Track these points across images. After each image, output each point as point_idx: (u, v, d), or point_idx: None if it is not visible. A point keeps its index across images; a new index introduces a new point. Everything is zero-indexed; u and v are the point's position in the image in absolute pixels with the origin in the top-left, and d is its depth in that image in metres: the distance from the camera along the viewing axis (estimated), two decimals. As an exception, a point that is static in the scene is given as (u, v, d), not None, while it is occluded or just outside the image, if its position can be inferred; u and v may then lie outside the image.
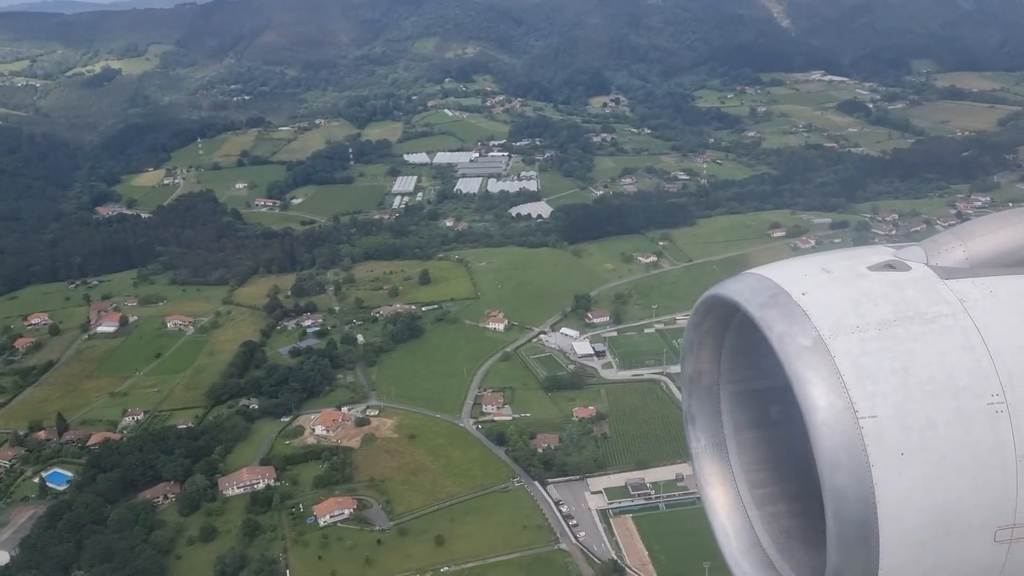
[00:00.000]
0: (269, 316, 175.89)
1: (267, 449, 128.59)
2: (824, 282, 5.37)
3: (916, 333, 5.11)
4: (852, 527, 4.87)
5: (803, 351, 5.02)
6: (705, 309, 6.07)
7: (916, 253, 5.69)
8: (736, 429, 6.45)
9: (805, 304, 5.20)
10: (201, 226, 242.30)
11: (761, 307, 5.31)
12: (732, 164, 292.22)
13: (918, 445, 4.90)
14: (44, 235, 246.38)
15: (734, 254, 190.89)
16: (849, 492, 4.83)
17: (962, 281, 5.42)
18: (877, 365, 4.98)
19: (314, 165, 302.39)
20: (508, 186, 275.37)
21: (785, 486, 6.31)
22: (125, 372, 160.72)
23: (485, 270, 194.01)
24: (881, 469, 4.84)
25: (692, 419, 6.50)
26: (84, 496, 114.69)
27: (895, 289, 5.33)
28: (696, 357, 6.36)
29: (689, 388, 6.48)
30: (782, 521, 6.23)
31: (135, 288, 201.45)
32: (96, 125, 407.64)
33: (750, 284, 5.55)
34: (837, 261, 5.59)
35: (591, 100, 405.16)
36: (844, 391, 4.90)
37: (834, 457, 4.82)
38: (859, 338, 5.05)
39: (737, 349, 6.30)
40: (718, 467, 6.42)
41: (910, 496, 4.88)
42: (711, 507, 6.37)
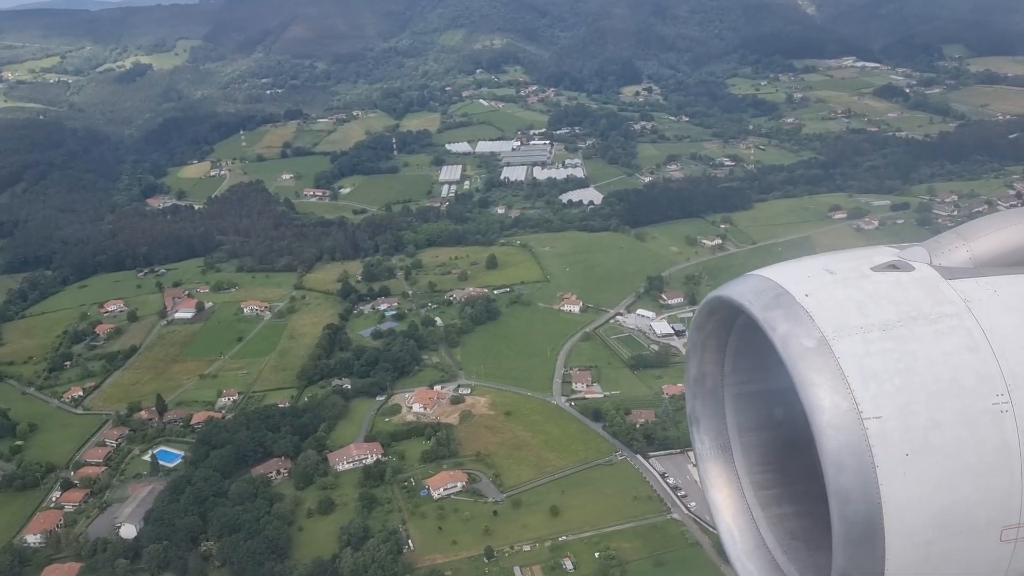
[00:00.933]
0: (344, 300, 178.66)
1: (368, 426, 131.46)
2: (827, 283, 5.37)
3: (920, 334, 5.10)
4: (858, 528, 4.86)
5: (807, 352, 5.03)
6: (708, 311, 6.07)
7: (919, 253, 5.69)
8: (740, 431, 6.43)
9: (808, 305, 5.21)
10: (257, 216, 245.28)
11: (764, 308, 5.31)
12: (775, 150, 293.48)
13: (923, 446, 4.88)
14: (102, 226, 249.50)
15: (797, 236, 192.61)
16: (854, 493, 4.82)
17: (966, 281, 5.41)
18: (881, 366, 4.98)
19: (358, 155, 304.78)
20: (555, 173, 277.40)
21: (790, 488, 6.29)
22: (209, 355, 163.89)
23: (550, 254, 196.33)
24: (886, 470, 4.82)
25: (696, 421, 6.50)
26: (201, 471, 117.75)
27: (899, 290, 5.32)
28: (700, 359, 6.36)
29: (693, 390, 6.49)
30: (787, 522, 6.20)
31: (203, 276, 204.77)
32: (132, 119, 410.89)
33: (753, 285, 5.57)
34: (840, 262, 5.60)
35: (623, 89, 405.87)
36: (848, 392, 4.90)
37: (839, 458, 4.82)
38: (863, 339, 5.05)
39: (741, 351, 6.27)
40: (723, 469, 6.41)
41: (915, 496, 4.88)
42: (716, 509, 6.34)
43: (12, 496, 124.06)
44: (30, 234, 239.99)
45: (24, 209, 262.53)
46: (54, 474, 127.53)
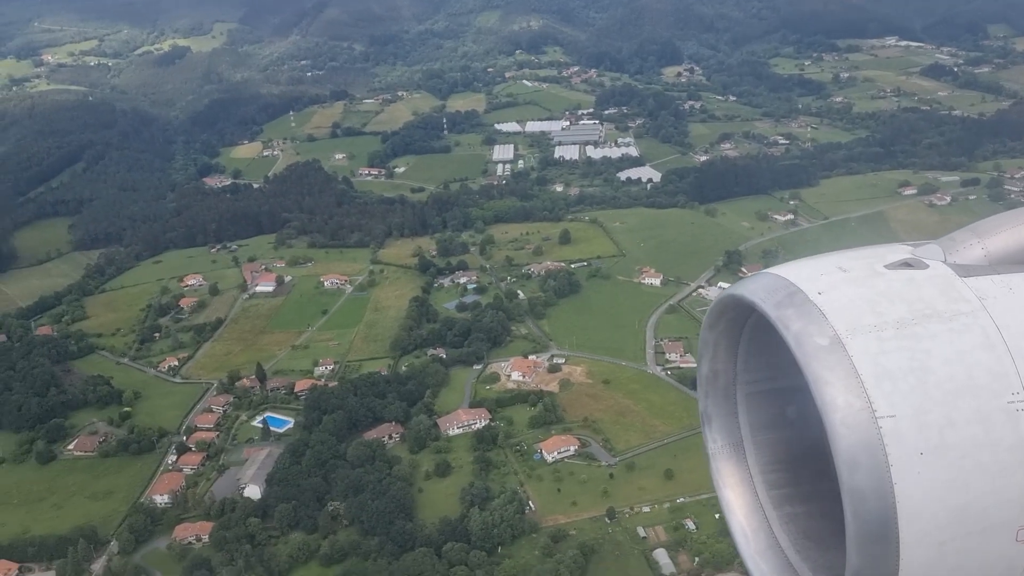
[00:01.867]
0: (423, 275, 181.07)
1: (471, 393, 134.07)
2: (840, 281, 5.34)
3: (934, 332, 5.07)
4: (871, 527, 4.83)
5: (820, 351, 5.01)
6: (720, 309, 6.06)
7: (934, 251, 5.65)
8: (753, 430, 6.42)
9: (822, 303, 5.18)
10: (319, 194, 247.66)
11: (777, 306, 5.28)
12: (827, 129, 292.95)
13: (937, 444, 4.85)
14: (165, 204, 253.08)
15: (869, 211, 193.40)
16: (868, 492, 4.80)
17: (981, 279, 5.36)
18: (895, 364, 4.95)
19: (409, 135, 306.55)
20: (609, 152, 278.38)
21: (803, 487, 6.26)
22: (296, 327, 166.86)
23: (620, 230, 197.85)
24: (900, 469, 4.80)
25: (708, 420, 6.49)
26: (317, 435, 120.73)
27: (913, 287, 5.28)
28: (712, 357, 6.37)
29: (705, 389, 6.48)
30: (800, 522, 6.17)
31: (276, 251, 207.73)
32: (174, 101, 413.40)
33: (766, 284, 5.52)
34: (853, 260, 5.58)
35: (663, 70, 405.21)
36: (862, 391, 4.88)
37: (853, 457, 4.80)
38: (877, 337, 5.02)
39: (753, 349, 6.26)
40: (735, 468, 6.39)
41: (930, 496, 4.84)
42: (729, 508, 6.33)
43: (129, 460, 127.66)
44: (97, 212, 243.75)
45: (87, 188, 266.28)
46: (167, 439, 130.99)
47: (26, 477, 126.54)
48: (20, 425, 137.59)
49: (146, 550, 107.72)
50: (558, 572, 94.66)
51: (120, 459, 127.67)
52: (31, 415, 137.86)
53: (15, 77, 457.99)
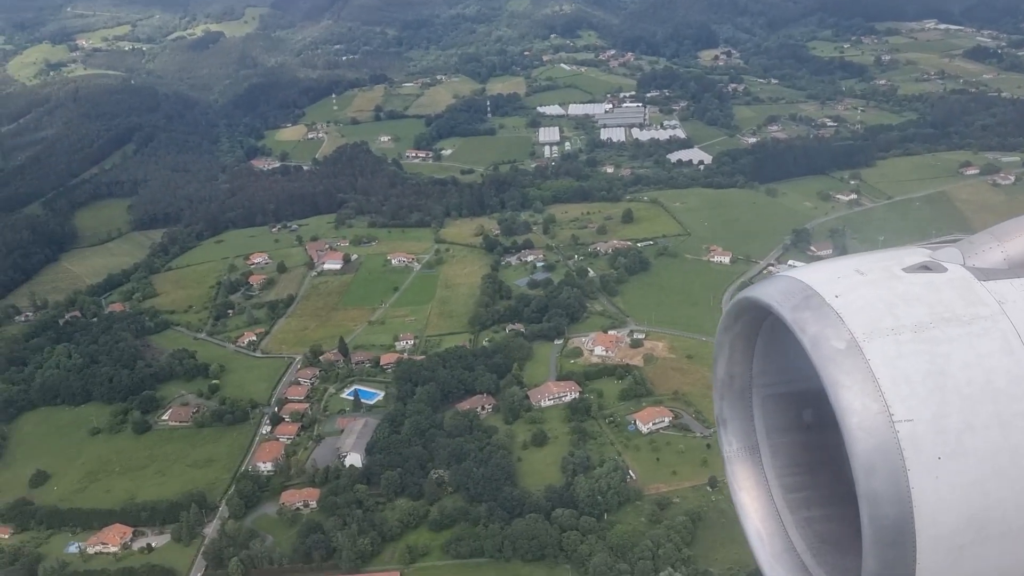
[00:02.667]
0: (489, 253, 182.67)
1: (555, 367, 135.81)
2: (858, 284, 5.30)
3: (953, 335, 5.02)
4: (888, 532, 4.81)
5: (837, 354, 4.98)
6: (737, 312, 6.02)
7: (952, 254, 5.60)
8: (769, 433, 6.38)
9: (839, 306, 5.14)
10: (371, 175, 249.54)
11: (794, 309, 5.24)
12: (873, 111, 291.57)
13: (956, 449, 4.81)
14: (218, 185, 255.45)
15: (932, 191, 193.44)
16: (885, 496, 4.77)
17: (1000, 282, 5.32)
18: (913, 368, 4.91)
19: (453, 118, 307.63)
20: (656, 135, 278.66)
21: (819, 490, 6.23)
22: (369, 304, 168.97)
23: (682, 210, 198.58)
24: (918, 473, 4.76)
25: (724, 422, 6.48)
26: (412, 405, 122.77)
27: (931, 291, 5.23)
28: (728, 360, 6.34)
29: (721, 391, 6.45)
30: (816, 526, 6.14)
31: (336, 231, 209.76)
32: (210, 86, 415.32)
33: (782, 286, 5.48)
34: (871, 262, 5.51)
35: (700, 53, 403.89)
36: (879, 394, 4.84)
37: (869, 461, 4.77)
38: (894, 341, 4.98)
39: (769, 352, 6.23)
40: (751, 471, 6.36)
41: (948, 500, 4.79)
42: (744, 511, 6.30)
43: (224, 430, 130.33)
44: (154, 193, 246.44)
45: (140, 170, 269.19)
46: (258, 410, 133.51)
47: (124, 446, 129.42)
48: (112, 397, 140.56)
49: (255, 515, 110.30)
50: (668, 537, 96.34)
51: (215, 429, 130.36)
52: (122, 387, 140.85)
53: (51, 62, 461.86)
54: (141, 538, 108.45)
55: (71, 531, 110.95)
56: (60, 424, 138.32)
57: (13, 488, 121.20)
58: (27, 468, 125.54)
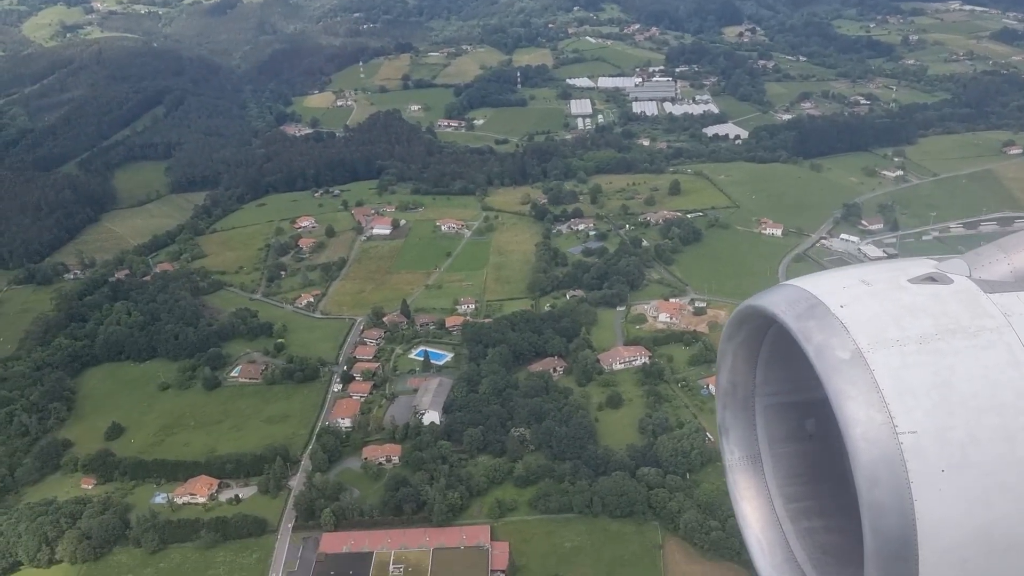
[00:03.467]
0: (539, 221, 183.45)
1: (621, 332, 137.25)
2: (863, 294, 5.30)
3: (958, 348, 4.99)
4: (891, 544, 4.75)
5: (841, 364, 4.95)
6: (740, 320, 6.06)
7: (959, 266, 5.58)
8: (771, 442, 6.35)
9: (844, 316, 5.12)
10: (407, 143, 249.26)
11: (798, 319, 5.24)
12: (905, 90, 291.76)
13: (960, 462, 4.76)
14: (253, 150, 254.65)
15: (978, 169, 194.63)
16: (888, 508, 4.72)
17: (1007, 295, 5.29)
18: (918, 379, 4.88)
19: (484, 88, 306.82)
20: (689, 109, 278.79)
21: (821, 501, 6.18)
22: (422, 268, 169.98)
23: (727, 182, 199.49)
24: (921, 485, 4.71)
25: (726, 431, 6.46)
26: (487, 366, 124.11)
27: (937, 302, 5.20)
28: (731, 369, 6.37)
29: (723, 400, 6.44)
30: (818, 536, 6.10)
31: (380, 197, 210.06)
32: (230, 51, 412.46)
33: (787, 295, 5.51)
34: (877, 273, 5.51)
35: (724, 30, 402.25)
36: (883, 405, 4.82)
37: (873, 472, 4.73)
38: (899, 352, 4.96)
39: (773, 361, 6.22)
40: (752, 480, 6.34)
41: (951, 513, 4.74)
42: (745, 521, 6.28)
43: (294, 387, 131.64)
44: (192, 156, 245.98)
45: (172, 132, 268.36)
46: (327, 368, 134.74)
47: (195, 401, 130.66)
48: (177, 354, 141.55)
49: (338, 469, 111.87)
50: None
51: (285, 386, 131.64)
52: (188, 344, 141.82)
53: (67, 23, 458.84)
54: (226, 490, 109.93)
55: (155, 482, 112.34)
56: (126, 379, 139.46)
57: (89, 441, 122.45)
58: (100, 421, 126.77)
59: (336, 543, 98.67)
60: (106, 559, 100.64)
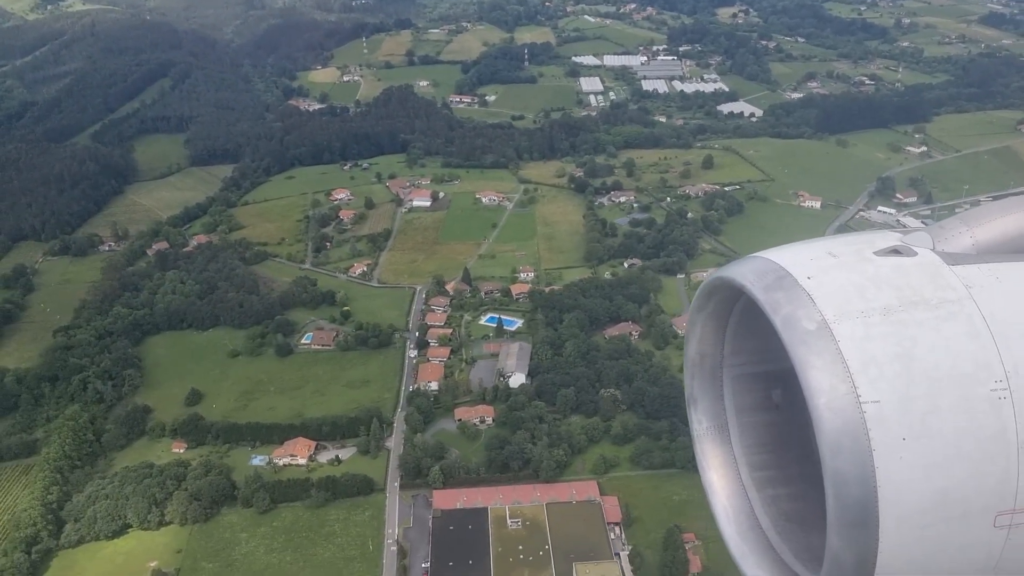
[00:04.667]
0: (579, 194, 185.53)
1: (686, 298, 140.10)
2: (830, 266, 5.40)
3: (921, 319, 5.11)
4: (852, 511, 4.91)
5: (807, 335, 5.06)
6: (709, 291, 6.10)
7: (923, 239, 5.72)
8: (738, 412, 6.44)
9: (810, 288, 5.23)
10: (426, 117, 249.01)
11: (766, 290, 5.34)
12: (906, 71, 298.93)
13: (920, 431, 4.91)
14: (269, 123, 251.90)
15: (997, 146, 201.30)
16: (850, 476, 4.87)
17: (968, 267, 5.42)
18: (881, 350, 4.99)
19: (492, 65, 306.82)
20: (701, 87, 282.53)
21: (786, 469, 6.31)
22: (470, 239, 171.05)
23: (756, 157, 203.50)
24: (883, 454, 4.85)
25: (694, 401, 6.51)
26: (566, 330, 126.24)
27: (900, 274, 5.33)
28: (699, 339, 6.39)
29: (692, 370, 6.51)
30: (782, 504, 6.25)
31: (411, 170, 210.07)
32: (219, 25, 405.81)
33: (755, 267, 5.59)
34: (843, 245, 5.63)
35: (717, 11, 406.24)
36: (847, 376, 4.93)
37: (836, 441, 4.87)
38: (863, 323, 5.07)
39: (740, 332, 6.27)
40: (720, 450, 6.41)
41: (911, 481, 4.90)
42: (712, 489, 6.37)
43: (369, 353, 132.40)
44: (210, 129, 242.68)
45: (183, 105, 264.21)
46: (398, 334, 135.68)
47: (269, 367, 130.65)
48: (242, 322, 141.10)
49: (433, 429, 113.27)
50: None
51: (360, 352, 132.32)
52: (253, 312, 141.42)
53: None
54: (323, 451, 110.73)
55: (249, 445, 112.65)
56: (191, 347, 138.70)
57: (169, 406, 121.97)
58: (174, 388, 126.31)
59: (448, 500, 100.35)
60: (216, 520, 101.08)
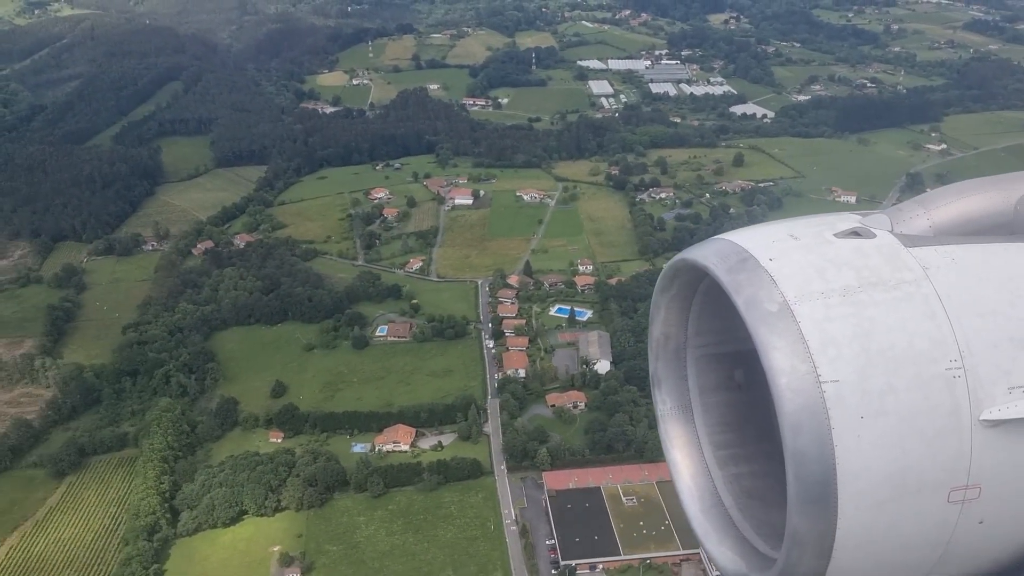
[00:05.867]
0: (619, 191, 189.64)
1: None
2: (791, 248, 5.43)
3: (879, 299, 5.16)
4: (812, 488, 4.97)
5: (769, 316, 5.07)
6: (673, 273, 6.18)
7: (881, 221, 5.76)
8: (701, 392, 6.51)
9: (772, 269, 5.26)
10: (445, 119, 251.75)
11: (729, 272, 5.35)
12: (904, 75, 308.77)
13: (878, 409, 4.96)
14: (288, 126, 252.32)
15: (1011, 144, 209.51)
16: (810, 454, 4.92)
17: (925, 249, 5.47)
18: (840, 331, 5.03)
19: (502, 69, 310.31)
20: (709, 90, 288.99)
21: (747, 448, 6.42)
22: (518, 234, 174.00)
23: (782, 155, 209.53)
24: (841, 432, 4.90)
25: (659, 382, 6.60)
26: (644, 318, 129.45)
27: (859, 256, 5.37)
28: (664, 321, 6.51)
29: (656, 351, 6.61)
30: (744, 482, 6.35)
31: (443, 170, 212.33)
32: (214, 31, 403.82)
33: (718, 249, 5.60)
34: (804, 228, 5.66)
35: (709, 17, 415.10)
36: (808, 356, 4.95)
37: (796, 420, 4.92)
38: (823, 304, 5.10)
39: (704, 313, 6.35)
40: (683, 429, 6.51)
41: (868, 458, 4.97)
42: (676, 468, 6.47)
43: (445, 344, 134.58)
44: (230, 131, 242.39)
45: (199, 108, 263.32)
46: (473, 325, 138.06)
47: (347, 360, 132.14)
48: (312, 316, 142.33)
49: (528, 415, 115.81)
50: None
51: (436, 343, 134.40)
52: (322, 307, 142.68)
53: (32, 0, 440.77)
54: (422, 438, 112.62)
55: (346, 433, 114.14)
56: (263, 341, 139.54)
57: (254, 398, 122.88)
58: (255, 381, 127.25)
59: (558, 481, 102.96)
60: (330, 505, 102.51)
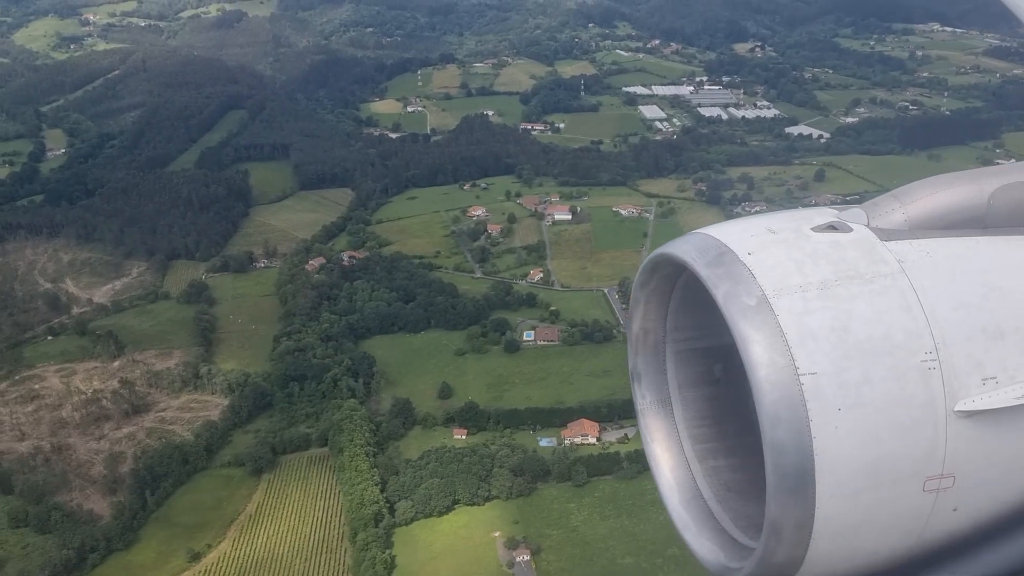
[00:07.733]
0: (713, 205, 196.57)
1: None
2: (769, 242, 5.51)
3: (856, 293, 5.25)
4: (790, 479, 5.04)
5: (748, 310, 5.14)
6: (651, 268, 6.17)
7: (858, 215, 5.84)
8: (680, 386, 6.54)
9: (751, 263, 5.32)
10: (515, 142, 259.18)
11: (708, 266, 5.41)
12: (937, 99, 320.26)
13: (855, 401, 5.04)
14: (362, 150, 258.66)
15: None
16: (788, 446, 4.99)
17: (901, 243, 5.56)
18: (818, 324, 5.11)
19: (554, 95, 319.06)
20: (759, 113, 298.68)
21: (726, 441, 6.47)
22: (626, 247, 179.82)
23: (859, 171, 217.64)
24: (819, 424, 4.99)
25: (638, 377, 6.60)
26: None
27: (836, 250, 5.46)
28: (642, 316, 6.45)
29: (635, 346, 6.58)
30: (723, 475, 6.40)
31: (529, 188, 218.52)
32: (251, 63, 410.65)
33: (697, 243, 5.66)
34: (782, 222, 5.75)
35: (734, 46, 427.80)
36: (786, 349, 5.01)
37: (775, 412, 4.98)
38: (801, 297, 5.19)
39: (683, 308, 6.39)
40: (663, 424, 6.54)
41: (846, 449, 5.06)
42: (655, 463, 6.53)
43: (594, 347, 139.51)
44: (311, 155, 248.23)
45: (270, 135, 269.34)
46: (616, 329, 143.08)
47: (502, 363, 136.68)
48: (454, 324, 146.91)
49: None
50: None
51: (585, 346, 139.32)
52: (466, 314, 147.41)
53: (64, 35, 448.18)
54: (604, 432, 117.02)
55: (529, 428, 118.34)
56: (411, 348, 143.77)
57: (423, 400, 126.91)
58: (419, 384, 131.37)
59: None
60: (537, 494, 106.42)
